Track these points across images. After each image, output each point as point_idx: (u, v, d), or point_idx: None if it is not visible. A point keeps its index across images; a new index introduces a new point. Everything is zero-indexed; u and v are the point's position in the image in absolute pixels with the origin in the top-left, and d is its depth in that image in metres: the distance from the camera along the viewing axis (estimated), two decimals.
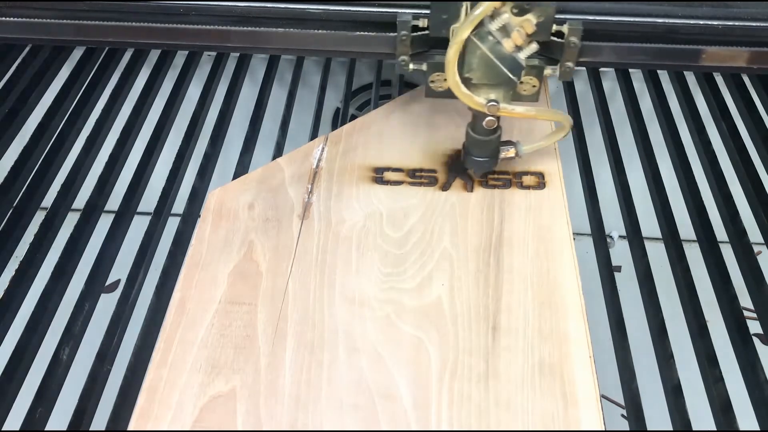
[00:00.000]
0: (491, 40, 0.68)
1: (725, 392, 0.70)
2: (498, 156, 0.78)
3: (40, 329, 0.75)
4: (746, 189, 0.92)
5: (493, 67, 0.69)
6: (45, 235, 0.85)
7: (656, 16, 0.72)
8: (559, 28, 0.70)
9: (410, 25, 0.71)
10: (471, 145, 0.77)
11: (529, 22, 0.67)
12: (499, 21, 0.67)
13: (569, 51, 0.71)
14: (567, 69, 0.72)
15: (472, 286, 0.69)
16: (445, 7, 0.69)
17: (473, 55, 0.69)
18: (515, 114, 0.72)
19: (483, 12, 0.65)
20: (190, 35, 0.75)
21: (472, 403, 0.60)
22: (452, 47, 0.66)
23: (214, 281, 0.69)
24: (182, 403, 0.60)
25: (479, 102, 0.70)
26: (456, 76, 0.68)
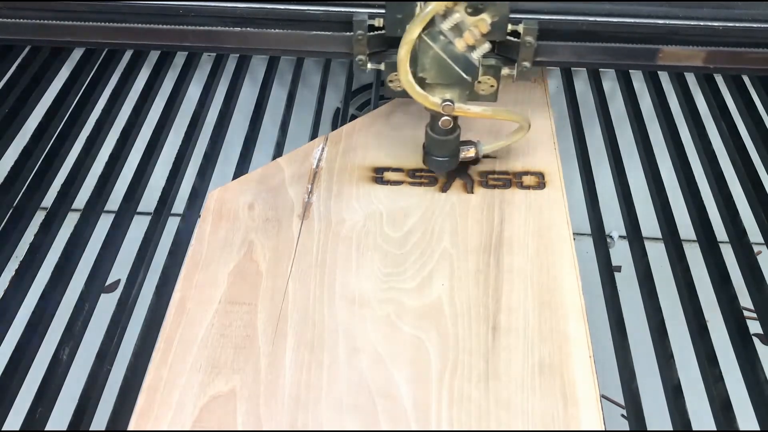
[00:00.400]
0: (443, 39, 0.68)
1: (725, 392, 0.70)
2: (458, 155, 0.78)
3: (40, 329, 0.75)
4: (746, 189, 0.92)
5: (447, 67, 0.69)
6: (45, 235, 0.85)
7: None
8: (515, 27, 0.69)
9: (366, 25, 0.70)
10: (430, 145, 0.77)
11: (483, 21, 0.66)
12: (451, 20, 0.66)
13: (525, 50, 0.70)
14: (524, 69, 0.71)
15: (472, 286, 0.69)
16: (400, 6, 0.68)
17: (426, 55, 0.68)
18: (471, 114, 0.71)
19: (432, 11, 0.64)
20: (191, 36, 0.74)
21: (472, 403, 0.60)
22: (402, 47, 0.66)
23: (214, 281, 0.69)
24: (182, 403, 0.60)
25: (434, 102, 0.70)
26: (408, 75, 0.67)
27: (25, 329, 0.74)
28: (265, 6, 0.72)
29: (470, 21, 0.66)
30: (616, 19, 0.71)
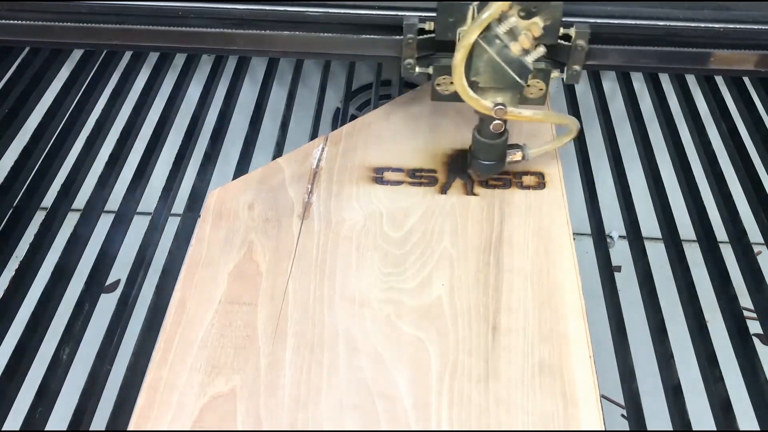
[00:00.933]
0: (499, 43, 0.67)
1: (725, 392, 0.70)
2: (505, 159, 0.77)
3: (40, 329, 0.75)
4: (746, 189, 0.92)
5: (501, 71, 0.68)
6: (45, 235, 0.85)
7: (664, 19, 0.72)
8: (567, 31, 0.69)
9: (416, 28, 0.70)
10: (478, 148, 0.77)
11: (536, 25, 0.66)
12: (506, 24, 0.67)
13: (576, 54, 0.70)
14: (574, 72, 0.71)
15: (472, 286, 0.69)
16: (452, 9, 0.68)
17: (480, 59, 0.68)
18: (522, 117, 0.71)
19: (491, 15, 0.64)
20: (190, 38, 0.74)
21: (472, 403, 0.60)
22: (459, 51, 0.66)
23: (214, 281, 0.69)
24: (182, 403, 0.60)
25: (486, 105, 0.70)
26: (463, 79, 0.68)
27: (25, 329, 0.74)
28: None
29: (523, 24, 0.67)
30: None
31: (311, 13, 0.72)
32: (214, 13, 0.73)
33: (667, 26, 0.72)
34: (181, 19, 0.73)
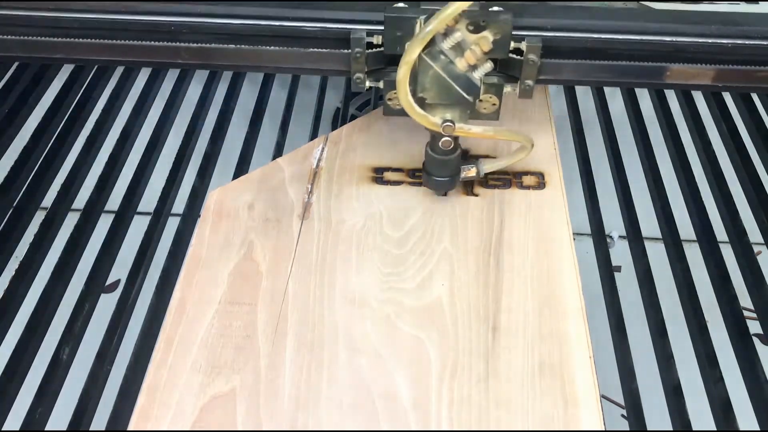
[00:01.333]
0: (444, 59, 0.66)
1: (725, 392, 0.70)
2: (459, 175, 0.75)
3: (40, 329, 0.75)
4: (746, 189, 0.92)
5: (447, 87, 0.67)
6: (45, 235, 0.85)
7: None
8: (518, 45, 0.67)
9: (364, 42, 0.68)
10: (430, 164, 0.74)
11: (485, 39, 0.64)
12: (452, 39, 0.64)
13: (528, 69, 0.68)
14: (527, 87, 0.69)
15: (472, 287, 0.69)
16: (399, 23, 0.66)
17: (426, 75, 0.66)
18: (472, 134, 0.69)
19: (433, 29, 0.62)
20: (183, 53, 0.72)
21: (472, 403, 0.60)
22: (402, 67, 0.63)
23: (214, 281, 0.69)
24: (182, 403, 0.60)
25: (434, 122, 0.68)
26: (408, 96, 0.65)
27: (25, 329, 0.74)
28: (259, 23, 0.70)
29: (471, 39, 0.65)
30: (623, 36, 0.69)
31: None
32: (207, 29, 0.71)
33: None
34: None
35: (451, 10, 0.61)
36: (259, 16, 0.70)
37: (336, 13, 0.70)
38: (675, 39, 0.69)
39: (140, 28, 0.71)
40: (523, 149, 0.75)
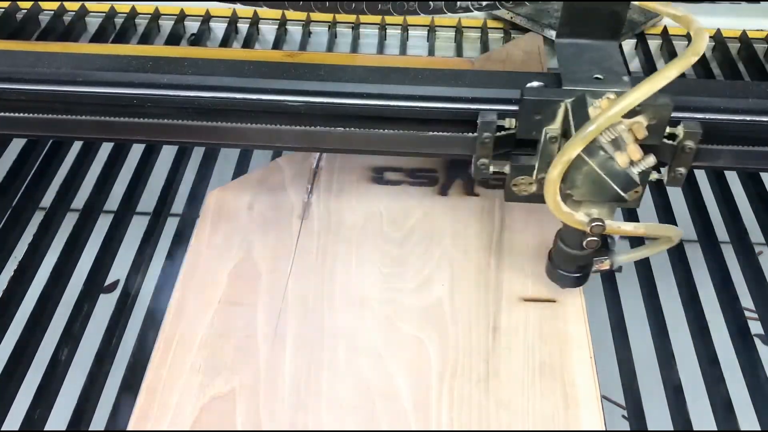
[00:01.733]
0: (603, 155, 0.56)
1: (726, 393, 0.70)
2: (591, 269, 0.66)
3: (39, 329, 0.75)
4: (747, 188, 0.92)
5: (602, 184, 0.57)
6: (44, 235, 0.85)
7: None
8: (672, 129, 0.58)
9: (495, 126, 0.60)
10: (560, 258, 0.65)
11: (640, 125, 0.55)
12: (611, 132, 0.55)
13: (683, 156, 0.59)
14: (678, 175, 0.60)
15: (472, 287, 0.69)
16: (540, 106, 0.58)
17: (578, 171, 0.57)
18: (622, 232, 0.60)
19: (599, 127, 0.54)
20: (146, 130, 0.64)
21: (472, 403, 0.60)
22: (557, 167, 0.55)
23: (213, 281, 0.69)
24: (182, 403, 0.60)
25: (581, 221, 0.59)
26: (557, 196, 0.57)
27: (25, 329, 0.74)
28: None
29: (625, 124, 0.56)
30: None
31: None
32: (175, 102, 0.62)
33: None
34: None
35: (628, 101, 0.53)
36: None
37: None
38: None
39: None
40: (668, 241, 0.65)
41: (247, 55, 1.06)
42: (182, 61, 0.65)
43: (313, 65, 0.64)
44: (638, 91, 0.52)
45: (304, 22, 1.17)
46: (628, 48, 1.14)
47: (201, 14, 1.17)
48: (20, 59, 0.64)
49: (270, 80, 0.62)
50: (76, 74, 0.63)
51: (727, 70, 1.09)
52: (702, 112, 0.60)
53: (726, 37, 1.14)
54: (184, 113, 0.63)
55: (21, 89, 0.63)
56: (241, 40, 1.17)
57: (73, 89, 0.62)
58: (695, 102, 0.60)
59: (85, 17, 1.17)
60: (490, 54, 1.06)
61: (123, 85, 0.62)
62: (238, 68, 0.64)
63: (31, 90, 0.63)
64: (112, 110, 0.63)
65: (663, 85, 0.53)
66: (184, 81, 0.62)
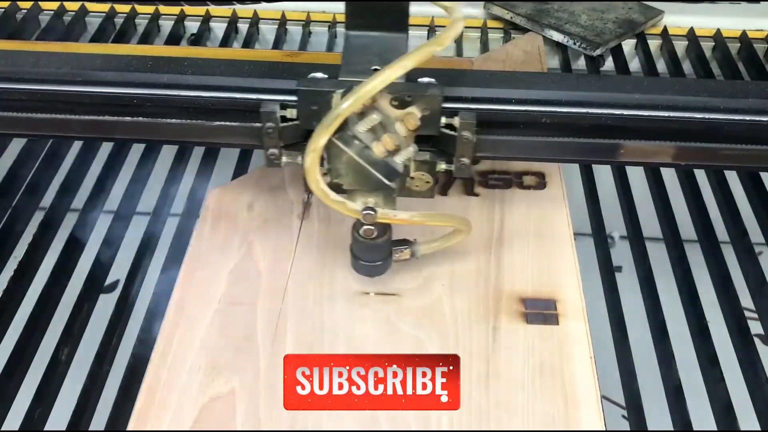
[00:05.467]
0: (358, 143, 0.58)
1: (726, 393, 0.70)
2: (391, 258, 0.66)
3: (39, 329, 0.75)
4: (747, 189, 0.92)
5: (365, 173, 0.59)
6: (44, 235, 0.85)
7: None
8: (450, 120, 0.59)
9: (277, 116, 0.60)
10: (358, 249, 0.65)
11: (412, 115, 0.57)
12: (367, 122, 0.57)
13: (462, 146, 0.60)
14: (463, 165, 0.61)
15: (472, 286, 0.69)
16: (314, 96, 0.58)
17: (339, 161, 0.59)
18: (397, 221, 0.61)
19: (343, 114, 0.54)
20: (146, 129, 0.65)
21: (472, 403, 0.60)
22: (308, 155, 0.56)
23: (213, 281, 0.69)
24: (181, 403, 0.60)
25: (354, 209, 0.59)
26: (319, 184, 0.58)
27: (25, 329, 0.74)
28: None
29: (396, 115, 0.57)
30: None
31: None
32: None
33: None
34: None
35: (365, 89, 0.54)
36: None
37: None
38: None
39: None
40: (459, 233, 0.67)
41: (247, 55, 1.06)
42: (182, 61, 0.65)
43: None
44: (373, 81, 0.54)
45: (304, 22, 1.17)
46: (628, 48, 1.14)
47: (201, 14, 1.17)
48: (20, 59, 0.65)
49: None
50: (75, 74, 0.63)
51: (727, 71, 1.09)
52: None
53: (726, 37, 1.14)
54: (184, 113, 0.63)
55: (21, 89, 0.63)
56: (241, 40, 1.17)
57: (73, 89, 0.62)
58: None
59: (85, 17, 1.17)
60: (490, 54, 1.06)
61: (123, 84, 0.62)
62: (237, 68, 0.65)
63: (31, 90, 0.63)
64: (111, 110, 0.63)
65: (399, 74, 0.54)
66: (183, 81, 0.62)
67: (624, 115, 0.61)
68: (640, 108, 0.61)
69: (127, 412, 0.61)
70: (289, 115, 0.60)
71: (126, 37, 1.14)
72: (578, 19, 1.14)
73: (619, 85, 0.65)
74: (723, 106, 0.61)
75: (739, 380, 0.72)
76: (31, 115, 0.64)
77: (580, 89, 0.63)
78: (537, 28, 1.12)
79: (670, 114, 0.61)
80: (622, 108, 0.61)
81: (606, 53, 1.12)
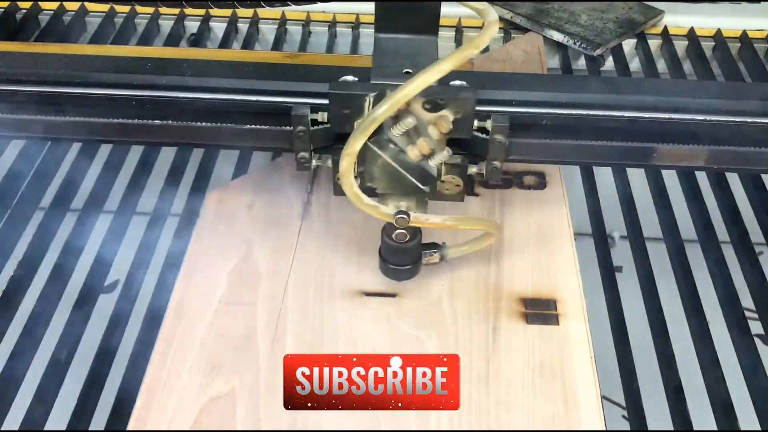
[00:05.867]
0: (393, 147, 0.58)
1: (726, 393, 0.70)
2: (420, 262, 0.66)
3: (39, 329, 0.75)
4: (747, 189, 0.92)
5: (399, 177, 0.59)
6: (44, 235, 0.85)
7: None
8: (482, 123, 0.60)
9: (307, 120, 0.60)
10: (388, 252, 0.64)
11: (444, 119, 0.57)
12: (402, 125, 0.57)
13: (495, 149, 0.60)
14: (494, 168, 0.62)
15: (472, 287, 0.69)
16: (346, 100, 0.59)
17: (373, 164, 0.59)
18: (429, 225, 0.61)
19: (380, 118, 0.54)
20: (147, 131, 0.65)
21: (472, 403, 0.60)
22: (344, 159, 0.56)
23: (213, 281, 0.69)
24: (181, 403, 0.60)
25: (386, 213, 0.59)
26: (354, 188, 0.57)
27: (25, 329, 0.74)
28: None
29: (429, 119, 0.57)
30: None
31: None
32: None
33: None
34: None
35: (402, 94, 0.53)
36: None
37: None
38: (666, 115, 0.61)
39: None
40: (490, 236, 0.67)
41: (246, 57, 1.06)
42: (181, 63, 0.65)
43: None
44: (410, 85, 0.53)
45: (304, 22, 1.17)
46: (628, 48, 1.14)
47: (201, 14, 1.17)
48: (19, 60, 0.64)
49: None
50: (74, 75, 0.63)
51: (728, 71, 1.09)
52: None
53: (726, 37, 1.14)
54: (184, 114, 0.63)
55: (20, 90, 0.63)
56: (240, 40, 1.17)
57: (71, 90, 0.62)
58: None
59: (84, 17, 1.17)
60: (490, 54, 1.06)
61: (122, 86, 0.62)
62: (237, 69, 0.65)
63: (29, 91, 0.63)
64: (111, 112, 0.63)
65: (437, 78, 0.53)
66: (183, 82, 0.63)
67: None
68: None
69: (127, 413, 0.61)
70: (320, 118, 0.61)
71: (125, 37, 1.14)
72: (578, 19, 1.14)
73: (654, 89, 0.65)
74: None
75: (739, 380, 0.72)
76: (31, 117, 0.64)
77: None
78: (537, 28, 1.12)
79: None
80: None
81: (606, 53, 1.12)
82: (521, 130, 0.62)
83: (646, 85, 0.68)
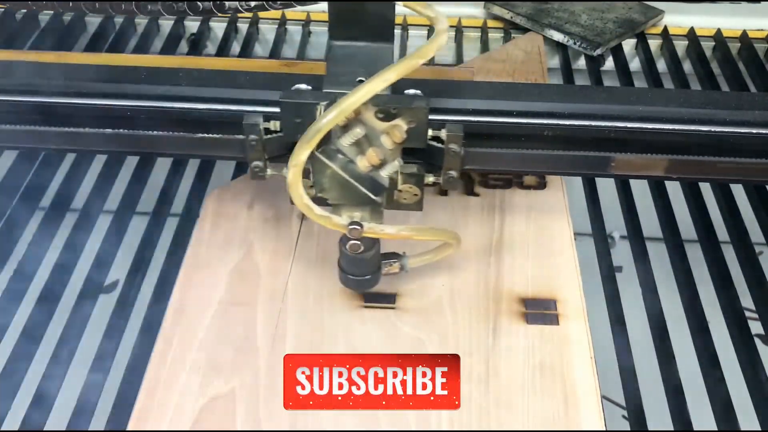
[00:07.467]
0: (341, 158, 0.57)
1: (726, 393, 0.70)
2: (380, 272, 0.65)
3: (39, 329, 0.75)
4: (747, 189, 0.92)
5: (350, 188, 0.57)
6: (44, 235, 0.85)
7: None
8: (437, 133, 0.59)
9: (260, 128, 0.60)
10: (345, 263, 0.63)
11: (398, 128, 0.56)
12: (351, 135, 0.56)
13: (450, 159, 0.59)
14: (450, 177, 0.60)
15: (472, 287, 0.69)
16: (298, 109, 0.58)
17: (323, 175, 0.57)
18: (384, 236, 0.59)
19: (325, 128, 0.53)
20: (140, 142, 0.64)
21: (472, 403, 0.60)
22: (290, 170, 0.54)
23: (213, 281, 0.69)
24: (181, 403, 0.60)
25: (339, 224, 0.58)
26: (304, 198, 0.56)
27: (24, 329, 0.74)
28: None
29: (381, 128, 0.56)
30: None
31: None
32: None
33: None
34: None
35: (346, 104, 0.52)
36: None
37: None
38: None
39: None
40: (448, 246, 0.65)
41: (243, 65, 1.05)
42: (134, 70, 0.64)
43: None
44: (355, 94, 0.52)
45: (303, 22, 1.17)
46: (628, 48, 1.14)
47: None
48: (15, 70, 0.64)
49: None
50: (69, 86, 0.62)
51: (728, 71, 1.09)
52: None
53: (726, 37, 1.14)
54: (167, 125, 0.62)
55: (14, 101, 0.62)
56: (240, 40, 1.17)
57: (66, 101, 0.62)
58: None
59: (84, 18, 1.17)
60: (490, 54, 1.06)
61: (108, 96, 0.62)
62: (188, 76, 0.64)
63: (24, 102, 0.62)
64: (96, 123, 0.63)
65: (382, 87, 0.52)
66: (166, 92, 0.62)
67: (613, 127, 0.60)
68: (627, 120, 0.61)
69: (127, 413, 0.61)
70: (272, 127, 0.60)
71: (125, 37, 1.14)
72: (578, 19, 1.14)
73: (605, 96, 0.64)
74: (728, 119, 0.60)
75: (739, 380, 0.72)
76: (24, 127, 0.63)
77: (568, 101, 0.62)
78: (537, 28, 1.12)
79: (660, 126, 0.60)
80: (611, 120, 0.60)
81: (606, 53, 1.12)
82: (477, 139, 0.60)
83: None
